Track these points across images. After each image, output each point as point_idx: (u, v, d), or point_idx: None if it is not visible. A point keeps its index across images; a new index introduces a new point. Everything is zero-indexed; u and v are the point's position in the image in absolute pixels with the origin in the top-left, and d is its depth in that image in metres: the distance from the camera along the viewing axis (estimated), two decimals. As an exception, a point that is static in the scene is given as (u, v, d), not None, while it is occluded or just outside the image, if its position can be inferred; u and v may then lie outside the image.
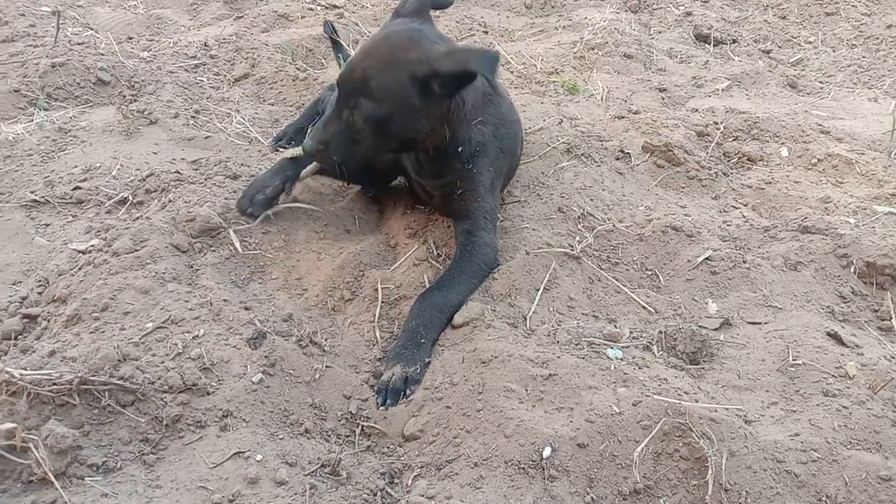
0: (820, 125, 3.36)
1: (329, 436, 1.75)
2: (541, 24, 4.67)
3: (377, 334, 2.06)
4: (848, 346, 2.00)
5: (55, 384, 1.61)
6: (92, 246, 2.20)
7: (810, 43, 4.66)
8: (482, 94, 2.28)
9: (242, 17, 4.50)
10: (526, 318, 2.07)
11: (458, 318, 2.03)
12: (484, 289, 2.16)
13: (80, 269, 2.10)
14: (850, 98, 3.87)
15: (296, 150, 2.36)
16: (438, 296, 2.08)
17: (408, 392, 1.86)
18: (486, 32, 4.51)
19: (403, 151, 2.28)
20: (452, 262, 2.21)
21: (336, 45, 3.55)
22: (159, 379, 1.70)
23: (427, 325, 2.00)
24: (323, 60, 4.00)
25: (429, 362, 1.94)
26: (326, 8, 4.72)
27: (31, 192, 2.48)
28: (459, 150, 2.24)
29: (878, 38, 4.63)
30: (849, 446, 1.68)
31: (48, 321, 1.98)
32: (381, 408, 1.85)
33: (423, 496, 1.59)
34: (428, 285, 2.17)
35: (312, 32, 4.17)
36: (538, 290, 2.15)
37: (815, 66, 4.35)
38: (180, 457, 1.61)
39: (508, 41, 4.44)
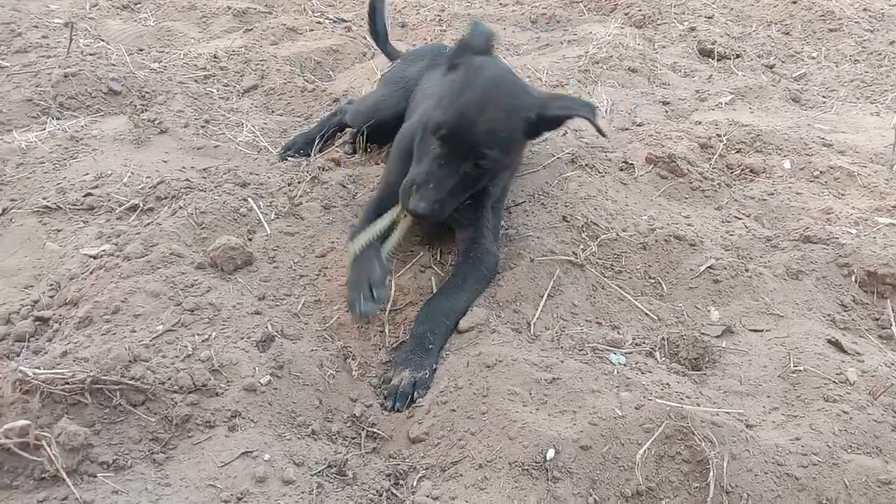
0: (822, 138, 3.39)
1: (335, 438, 1.78)
2: (546, 39, 4.71)
3: (384, 339, 2.09)
4: (849, 353, 2.02)
5: (68, 383, 1.64)
6: (103, 251, 2.23)
7: (813, 58, 4.69)
8: None
9: (252, 30, 4.55)
10: (530, 324, 2.09)
11: (463, 324, 2.06)
12: (489, 295, 2.19)
13: (91, 272, 2.13)
14: (852, 112, 3.90)
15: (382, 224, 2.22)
16: (445, 302, 2.11)
17: (416, 396, 1.88)
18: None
19: None
20: (456, 268, 2.24)
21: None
22: (169, 379, 1.73)
23: (434, 330, 2.03)
24: (331, 73, 4.05)
25: (436, 368, 1.96)
26: (335, 22, 4.78)
27: (44, 199, 2.51)
28: None
29: (880, 54, 4.66)
30: (849, 450, 1.70)
31: (60, 323, 2.01)
32: (390, 412, 1.87)
33: (428, 497, 1.61)
34: (434, 291, 2.20)
35: (321, 45, 4.22)
36: (542, 297, 2.18)
37: (818, 80, 4.38)
38: (189, 456, 1.63)
39: (514, 55, 4.48)
